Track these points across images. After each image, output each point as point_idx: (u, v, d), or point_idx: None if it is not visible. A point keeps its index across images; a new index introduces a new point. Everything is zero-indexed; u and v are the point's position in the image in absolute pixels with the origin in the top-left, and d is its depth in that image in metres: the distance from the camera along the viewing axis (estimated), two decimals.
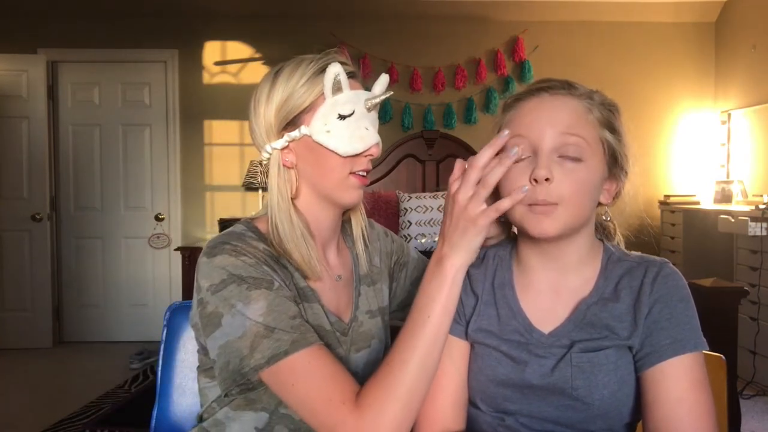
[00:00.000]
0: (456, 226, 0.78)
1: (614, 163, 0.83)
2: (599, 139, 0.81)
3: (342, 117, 0.87)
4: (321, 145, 0.88)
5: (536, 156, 0.79)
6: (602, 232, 0.92)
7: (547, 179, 0.77)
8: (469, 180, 0.76)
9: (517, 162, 0.79)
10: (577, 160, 0.78)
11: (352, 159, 0.89)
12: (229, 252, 0.83)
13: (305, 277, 0.91)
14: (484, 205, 0.76)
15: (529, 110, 0.81)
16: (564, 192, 0.77)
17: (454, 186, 0.78)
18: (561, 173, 0.78)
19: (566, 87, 0.82)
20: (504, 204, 0.76)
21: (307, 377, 0.77)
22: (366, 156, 0.91)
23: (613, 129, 0.82)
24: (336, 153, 0.88)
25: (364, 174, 0.92)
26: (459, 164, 0.79)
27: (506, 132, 0.78)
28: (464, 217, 0.76)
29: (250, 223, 0.93)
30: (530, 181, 0.78)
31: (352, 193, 0.92)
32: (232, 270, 0.81)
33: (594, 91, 0.85)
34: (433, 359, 0.79)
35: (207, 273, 0.83)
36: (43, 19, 4.14)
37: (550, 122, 0.79)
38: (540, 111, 0.80)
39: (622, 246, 0.92)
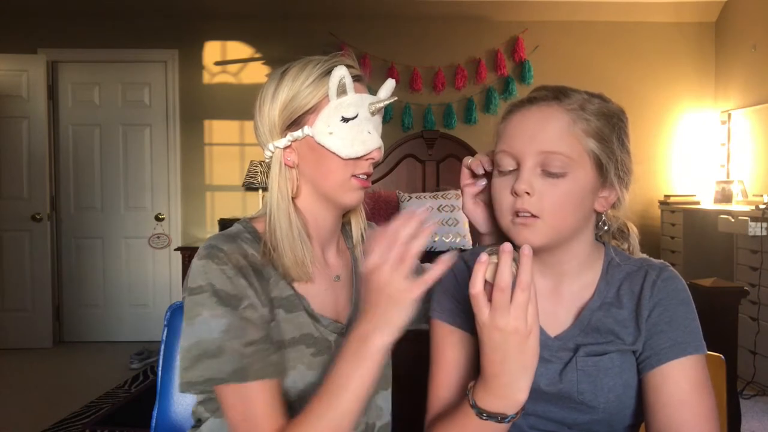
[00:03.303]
0: (377, 303, 0.73)
1: (606, 172, 0.81)
2: (585, 150, 0.79)
3: (345, 120, 0.88)
4: (323, 146, 0.88)
5: (519, 169, 0.79)
6: (618, 233, 0.91)
7: (527, 193, 0.77)
8: (391, 254, 0.71)
9: (502, 175, 0.81)
10: (559, 175, 0.78)
11: (354, 162, 0.90)
12: (213, 258, 0.83)
13: (293, 281, 0.90)
14: (409, 280, 0.71)
15: (516, 124, 0.82)
16: (545, 205, 0.77)
17: (372, 258, 0.72)
18: (543, 186, 0.78)
19: (558, 97, 0.80)
20: (432, 275, 0.71)
21: (235, 409, 0.79)
22: (367, 159, 0.91)
23: (603, 139, 0.80)
24: (337, 155, 0.88)
25: (365, 177, 0.92)
26: (378, 236, 0.73)
27: (427, 206, 0.76)
28: (387, 293, 0.71)
29: (248, 223, 0.94)
30: (511, 194, 0.79)
31: (352, 195, 0.92)
32: (211, 278, 0.82)
33: (595, 97, 0.83)
34: (351, 419, 0.77)
35: (192, 274, 0.84)
36: (43, 19, 4.14)
37: (531, 138, 0.79)
38: (524, 126, 0.80)
39: (637, 247, 0.92)
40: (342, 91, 0.88)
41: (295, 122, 0.90)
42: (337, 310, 0.96)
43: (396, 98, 0.94)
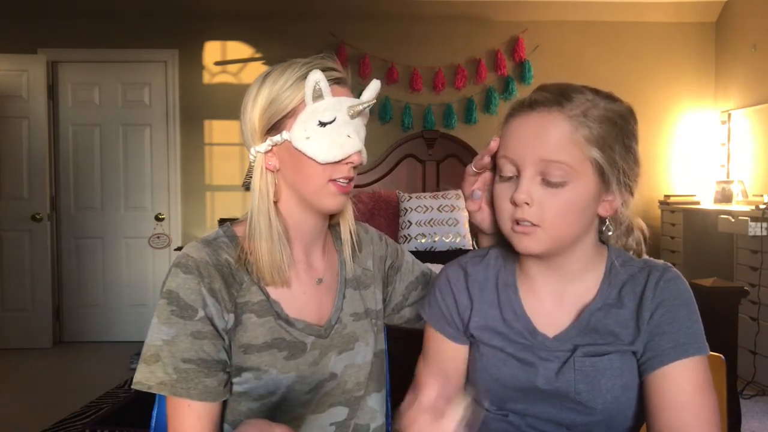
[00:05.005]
0: None
1: (609, 180, 0.79)
2: (587, 158, 0.77)
3: (322, 124, 0.87)
4: (300, 151, 0.87)
5: (519, 177, 0.78)
6: (623, 230, 0.90)
7: (526, 203, 0.77)
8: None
9: (503, 181, 0.81)
10: (559, 184, 0.76)
11: (332, 166, 0.89)
12: (181, 266, 0.85)
13: (267, 285, 0.90)
14: None
15: (516, 129, 0.80)
16: (546, 215, 0.76)
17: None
18: (543, 196, 0.77)
19: (559, 101, 0.77)
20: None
21: (170, 418, 0.82)
22: (347, 164, 0.90)
23: (606, 146, 0.77)
24: (314, 160, 0.87)
25: (346, 182, 0.91)
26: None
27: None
28: None
29: (228, 227, 0.95)
30: (511, 203, 0.79)
31: (331, 200, 0.91)
32: (174, 287, 0.83)
33: (601, 98, 0.80)
34: None
35: (168, 276, 0.85)
36: (43, 19, 4.14)
37: (531, 146, 0.77)
38: (525, 132, 0.79)
39: (643, 248, 0.91)
40: (318, 95, 0.87)
41: (274, 126, 0.89)
42: (320, 313, 0.95)
43: (374, 101, 0.92)
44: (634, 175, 0.82)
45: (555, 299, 0.85)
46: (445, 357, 0.90)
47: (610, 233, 0.85)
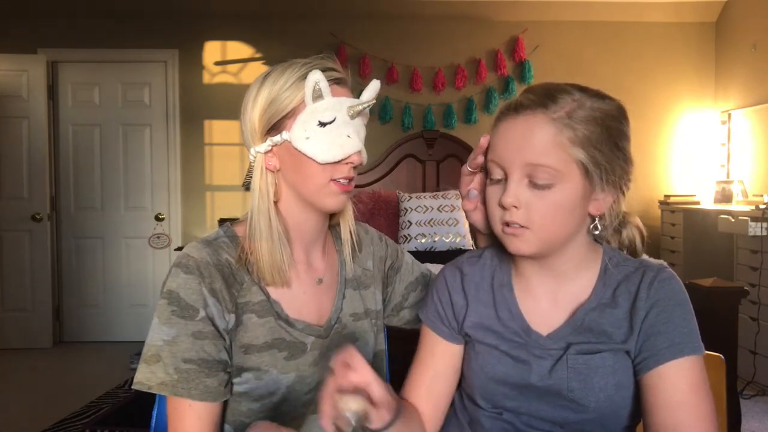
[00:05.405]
0: None
1: (598, 179, 0.79)
2: (572, 160, 0.76)
3: (322, 124, 0.87)
4: (300, 151, 0.88)
5: (506, 180, 0.79)
6: (615, 228, 0.90)
7: (514, 206, 0.77)
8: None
9: (492, 183, 0.82)
10: (546, 186, 0.76)
11: (333, 166, 0.89)
12: (181, 266, 0.85)
13: (268, 285, 0.90)
14: None
15: (503, 133, 0.81)
16: (534, 217, 0.77)
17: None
18: (530, 198, 0.77)
19: (544, 103, 0.77)
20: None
21: (170, 418, 0.82)
22: (347, 164, 0.90)
23: (591, 146, 0.77)
24: (314, 160, 0.87)
25: (347, 181, 0.91)
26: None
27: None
28: None
29: (229, 227, 0.95)
30: (498, 206, 0.79)
31: (332, 199, 0.91)
32: (175, 287, 0.83)
33: (588, 97, 0.79)
34: None
35: (169, 276, 0.85)
36: (43, 19, 4.14)
37: (517, 151, 0.77)
38: (511, 135, 0.79)
39: (638, 242, 0.91)
40: (318, 95, 0.87)
41: (274, 127, 0.89)
42: (320, 314, 0.96)
43: (374, 101, 0.92)
44: (625, 173, 0.81)
45: (550, 299, 0.86)
46: (439, 356, 0.91)
47: (597, 232, 0.85)
